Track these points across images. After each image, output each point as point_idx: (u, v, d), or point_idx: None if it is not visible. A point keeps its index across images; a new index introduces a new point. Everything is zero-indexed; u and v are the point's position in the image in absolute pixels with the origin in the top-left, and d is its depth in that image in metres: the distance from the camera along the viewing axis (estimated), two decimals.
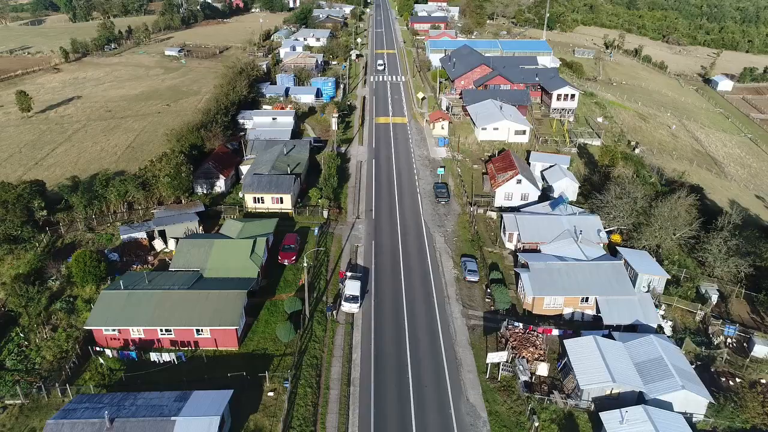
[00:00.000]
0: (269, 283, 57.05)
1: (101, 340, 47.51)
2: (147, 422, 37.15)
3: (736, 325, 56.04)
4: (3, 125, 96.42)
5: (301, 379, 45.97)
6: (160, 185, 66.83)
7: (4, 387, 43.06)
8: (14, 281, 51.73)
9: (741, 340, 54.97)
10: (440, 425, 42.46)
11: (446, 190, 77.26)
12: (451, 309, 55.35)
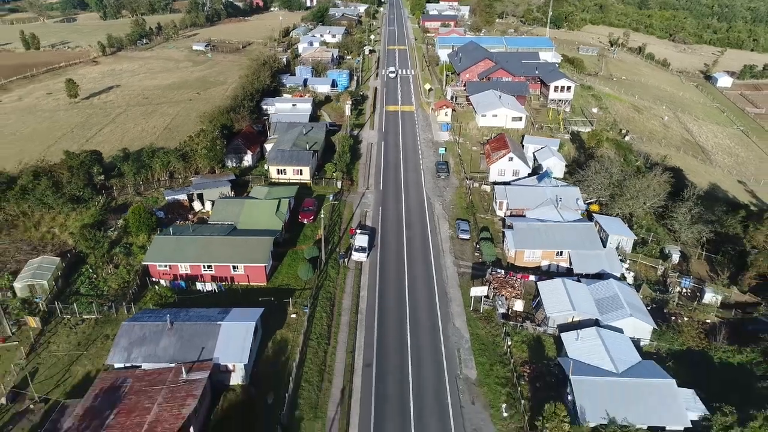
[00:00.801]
0: (291, 237, 67.36)
1: (155, 274, 58.23)
2: (198, 325, 47.64)
3: (691, 278, 64.99)
4: (54, 109, 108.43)
5: (318, 307, 56.14)
6: (197, 157, 77.64)
7: (81, 305, 53.93)
8: (82, 229, 62.64)
9: (695, 290, 63.83)
10: (431, 343, 52.24)
11: (446, 167, 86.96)
12: (445, 260, 65.09)
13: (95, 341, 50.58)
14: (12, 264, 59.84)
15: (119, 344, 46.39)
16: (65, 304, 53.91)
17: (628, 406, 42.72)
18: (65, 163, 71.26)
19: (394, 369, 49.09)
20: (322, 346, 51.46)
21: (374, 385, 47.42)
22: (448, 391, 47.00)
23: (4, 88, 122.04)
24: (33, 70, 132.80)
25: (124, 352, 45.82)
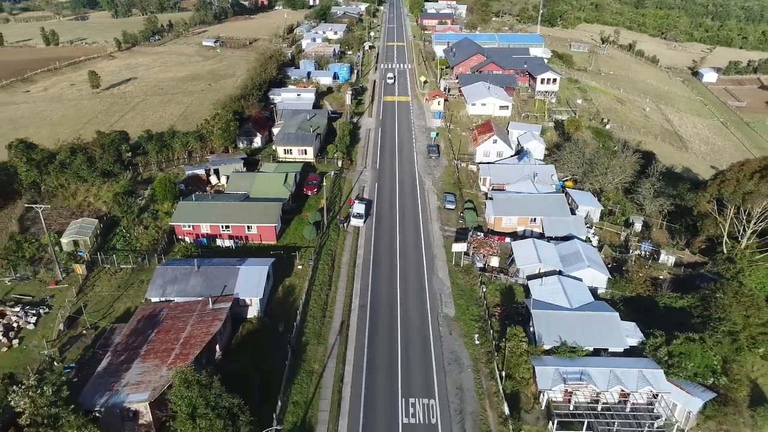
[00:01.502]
0: (297, 206, 76.36)
1: (180, 233, 67.29)
2: (221, 268, 56.75)
3: (651, 243, 73.69)
4: (78, 98, 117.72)
5: (320, 261, 65.12)
6: (213, 137, 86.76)
7: (119, 257, 63.02)
8: (115, 197, 71.74)
9: (653, 252, 72.50)
10: (417, 289, 61.16)
11: (437, 149, 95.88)
12: (432, 226, 74.00)
13: (132, 285, 59.69)
14: (56, 225, 68.90)
15: (155, 283, 55.50)
16: (105, 257, 63.06)
17: (578, 333, 51.53)
18: (97, 141, 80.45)
19: (385, 308, 58.05)
20: (324, 291, 60.48)
21: (368, 320, 56.38)
22: (430, 325, 55.93)
23: (30, 80, 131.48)
24: (56, 64, 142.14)
25: (159, 289, 54.92)
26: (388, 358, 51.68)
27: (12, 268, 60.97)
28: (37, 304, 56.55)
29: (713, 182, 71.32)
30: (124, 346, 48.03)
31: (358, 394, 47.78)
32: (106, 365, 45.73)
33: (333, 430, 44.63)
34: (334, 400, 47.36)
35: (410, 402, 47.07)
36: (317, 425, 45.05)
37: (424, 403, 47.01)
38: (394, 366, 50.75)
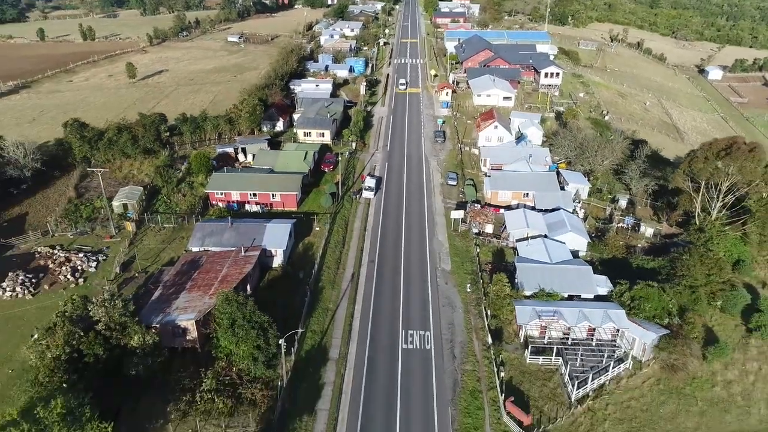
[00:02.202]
0: (315, 180, 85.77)
1: (214, 199, 77.18)
2: (251, 225, 66.45)
3: (633, 217, 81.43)
4: (117, 87, 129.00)
5: (335, 225, 74.40)
6: (241, 120, 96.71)
7: (162, 218, 73.07)
8: (156, 169, 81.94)
9: (635, 225, 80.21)
10: (419, 248, 70.02)
11: (443, 135, 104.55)
12: (435, 199, 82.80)
13: (174, 240, 69.69)
14: (107, 192, 79.13)
15: (195, 236, 65.36)
16: (150, 217, 73.23)
17: (555, 282, 59.94)
18: (140, 122, 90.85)
19: (390, 263, 67.09)
20: (338, 248, 69.79)
21: (375, 271, 65.50)
22: (429, 276, 64.82)
23: (72, 71, 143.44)
24: (94, 57, 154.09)
25: (199, 240, 64.74)
26: (391, 300, 60.74)
27: (73, 225, 71.42)
28: (96, 253, 66.84)
29: (685, 160, 78.91)
30: (171, 282, 57.86)
31: (365, 327, 56.93)
32: (159, 296, 55.59)
33: (344, 351, 53.84)
34: (345, 330, 56.58)
35: (409, 333, 56.07)
36: (331, 348, 54.31)
37: (421, 334, 55.95)
38: (397, 307, 59.77)
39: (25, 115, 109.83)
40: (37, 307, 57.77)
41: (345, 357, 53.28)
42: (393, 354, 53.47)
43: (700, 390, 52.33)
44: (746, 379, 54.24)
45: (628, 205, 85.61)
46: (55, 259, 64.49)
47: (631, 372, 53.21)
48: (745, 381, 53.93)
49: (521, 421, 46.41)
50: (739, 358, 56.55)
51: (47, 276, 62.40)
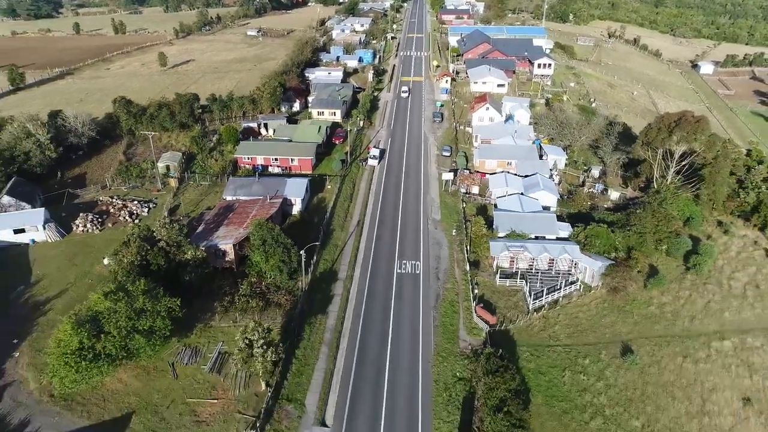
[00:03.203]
0: (327, 151, 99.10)
1: (241, 163, 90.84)
2: (274, 179, 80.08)
3: (603, 184, 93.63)
4: (150, 74, 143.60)
5: (344, 184, 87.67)
6: (263, 100, 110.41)
7: (199, 177, 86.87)
8: (192, 139, 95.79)
9: (604, 191, 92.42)
10: (414, 203, 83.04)
11: (441, 116, 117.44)
12: (430, 166, 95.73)
13: (210, 193, 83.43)
14: (150, 156, 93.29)
15: (229, 188, 79.05)
16: (188, 176, 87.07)
17: (524, 225, 72.58)
18: (176, 100, 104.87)
19: (390, 213, 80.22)
20: (346, 202, 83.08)
21: (377, 218, 78.67)
22: (422, 223, 77.83)
23: (109, 60, 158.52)
24: (126, 48, 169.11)
25: (232, 191, 78.38)
26: (390, 240, 73.87)
27: (126, 181, 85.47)
28: (147, 202, 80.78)
29: (643, 131, 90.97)
30: (212, 220, 71.52)
31: (368, 258, 70.13)
32: (203, 229, 69.27)
33: (350, 273, 67.09)
34: (351, 260, 69.83)
35: (403, 262, 69.21)
36: (340, 271, 67.58)
37: (412, 263, 69.02)
38: (394, 244, 72.87)
39: (73, 97, 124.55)
40: (104, 239, 71.73)
41: (351, 277, 66.55)
42: (389, 276, 66.63)
43: (637, 308, 64.68)
44: (677, 302, 66.46)
45: (600, 174, 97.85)
46: (114, 205, 78.58)
47: (581, 293, 65.85)
48: (675, 304, 66.16)
49: (488, 321, 59.25)
50: (675, 288, 68.74)
51: (109, 217, 76.48)
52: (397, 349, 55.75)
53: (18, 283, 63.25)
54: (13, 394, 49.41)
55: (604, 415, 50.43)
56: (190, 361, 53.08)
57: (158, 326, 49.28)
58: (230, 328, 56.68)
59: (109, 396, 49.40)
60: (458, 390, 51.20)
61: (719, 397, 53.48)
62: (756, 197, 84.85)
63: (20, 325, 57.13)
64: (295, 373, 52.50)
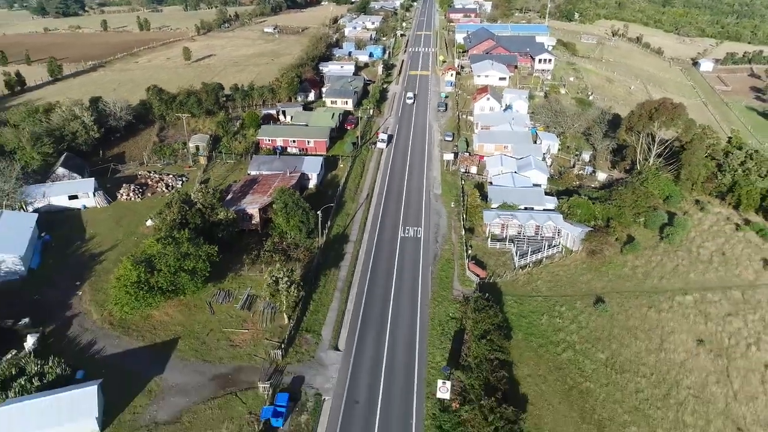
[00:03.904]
0: (340, 135, 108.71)
1: (263, 144, 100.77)
2: (293, 157, 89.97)
3: (592, 166, 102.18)
4: (175, 67, 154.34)
5: (355, 164, 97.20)
6: (281, 90, 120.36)
7: (224, 156, 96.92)
8: (218, 123, 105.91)
9: (592, 172, 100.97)
10: (417, 179, 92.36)
11: (445, 106, 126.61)
12: (434, 149, 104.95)
13: (235, 170, 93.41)
14: (181, 138, 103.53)
15: (253, 164, 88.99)
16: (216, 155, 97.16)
17: (515, 198, 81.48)
18: (203, 89, 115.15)
19: (396, 188, 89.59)
20: (357, 178, 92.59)
21: (384, 193, 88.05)
22: (424, 197, 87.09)
23: (136, 54, 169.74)
24: (152, 44, 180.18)
25: (255, 167, 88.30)
26: (395, 209, 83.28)
27: (160, 158, 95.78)
28: (180, 176, 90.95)
29: (626, 117, 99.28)
30: (239, 190, 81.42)
31: (375, 224, 79.57)
32: (231, 197, 79.15)
33: (360, 237, 76.56)
34: (360, 225, 79.33)
35: (406, 228, 78.55)
36: (351, 234, 77.09)
37: (415, 229, 78.33)
38: (399, 213, 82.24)
39: (106, 87, 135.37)
40: (144, 205, 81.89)
41: (360, 240, 76.07)
42: (394, 239, 76.02)
43: (612, 269, 73.32)
44: (649, 265, 74.92)
45: (591, 158, 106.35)
46: (152, 178, 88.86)
47: (563, 256, 74.67)
48: (647, 266, 74.64)
49: (479, 275, 68.37)
50: (648, 254, 77.20)
51: (148, 188, 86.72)
52: (400, 295, 65.11)
53: (75, 239, 73.64)
54: (81, 322, 59.58)
55: (574, 349, 59.32)
56: (224, 301, 62.84)
57: (200, 267, 59.15)
58: (257, 276, 66.34)
59: (158, 325, 59.32)
60: (450, 326, 60.44)
61: (676, 338, 62.09)
62: (731, 179, 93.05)
63: (80, 271, 67.40)
64: (312, 312, 62.09)
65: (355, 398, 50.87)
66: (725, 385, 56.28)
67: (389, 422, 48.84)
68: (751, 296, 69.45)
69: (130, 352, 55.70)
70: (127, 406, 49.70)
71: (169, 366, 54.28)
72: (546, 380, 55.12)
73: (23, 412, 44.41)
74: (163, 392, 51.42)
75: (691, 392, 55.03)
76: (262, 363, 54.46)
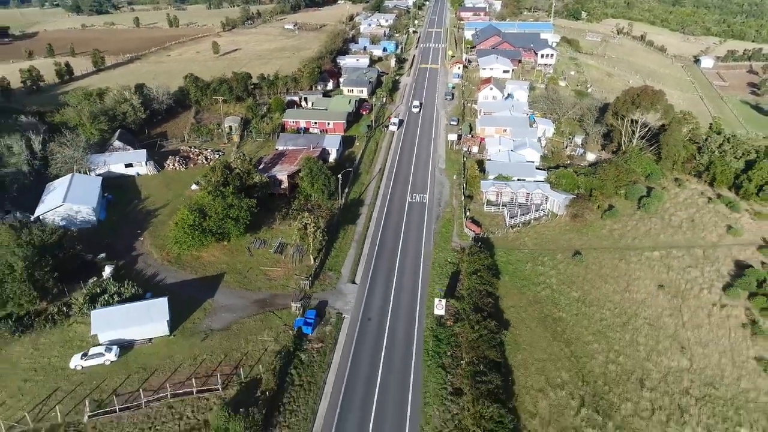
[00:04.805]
0: (355, 119, 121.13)
1: (287, 125, 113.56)
2: (315, 135, 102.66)
3: (583, 148, 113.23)
4: (205, 60, 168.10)
5: (369, 143, 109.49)
6: (303, 79, 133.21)
7: (254, 134, 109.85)
8: (247, 108, 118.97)
9: (583, 153, 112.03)
10: (425, 157, 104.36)
11: (452, 95, 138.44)
12: (440, 132, 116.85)
13: (264, 147, 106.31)
14: (215, 120, 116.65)
15: (280, 140, 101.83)
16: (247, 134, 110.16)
17: (510, 171, 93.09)
18: (234, 78, 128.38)
19: (405, 162, 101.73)
20: (371, 155, 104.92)
21: (395, 168, 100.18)
22: (430, 170, 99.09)
23: (168, 48, 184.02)
24: (181, 39, 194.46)
25: (282, 143, 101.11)
26: (404, 180, 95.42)
27: (198, 136, 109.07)
28: (216, 151, 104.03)
29: (612, 102, 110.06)
30: (268, 161, 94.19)
31: (386, 191, 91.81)
32: (262, 167, 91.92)
33: (373, 201, 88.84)
34: (374, 192, 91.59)
35: (413, 195, 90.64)
36: (365, 200, 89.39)
37: (421, 196, 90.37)
38: (407, 182, 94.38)
39: (144, 76, 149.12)
40: (188, 174, 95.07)
41: (374, 203, 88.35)
42: (402, 203, 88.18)
43: (592, 230, 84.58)
44: (624, 228, 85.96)
45: (583, 142, 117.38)
46: (193, 152, 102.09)
47: (549, 219, 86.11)
48: (623, 229, 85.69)
49: (475, 231, 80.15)
50: (625, 220, 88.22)
51: (190, 160, 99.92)
52: (407, 245, 77.26)
53: (132, 199, 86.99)
54: (144, 260, 72.67)
55: (552, 288, 70.90)
56: (260, 247, 75.48)
57: (242, 216, 71.89)
58: (286, 229, 78.85)
59: (207, 264, 72.15)
60: (448, 268, 72.41)
61: (640, 283, 73.29)
62: (709, 159, 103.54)
63: (140, 223, 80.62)
64: (333, 256, 74.49)
65: (368, 316, 63.14)
66: (677, 318, 67.48)
67: (396, 333, 61.00)
68: (711, 254, 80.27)
69: (186, 282, 68.58)
70: (188, 318, 62.56)
71: (218, 292, 67.06)
72: (526, 310, 66.83)
73: (119, 312, 57.54)
74: (215, 310, 64.20)
75: (646, 321, 66.35)
76: (294, 291, 66.95)
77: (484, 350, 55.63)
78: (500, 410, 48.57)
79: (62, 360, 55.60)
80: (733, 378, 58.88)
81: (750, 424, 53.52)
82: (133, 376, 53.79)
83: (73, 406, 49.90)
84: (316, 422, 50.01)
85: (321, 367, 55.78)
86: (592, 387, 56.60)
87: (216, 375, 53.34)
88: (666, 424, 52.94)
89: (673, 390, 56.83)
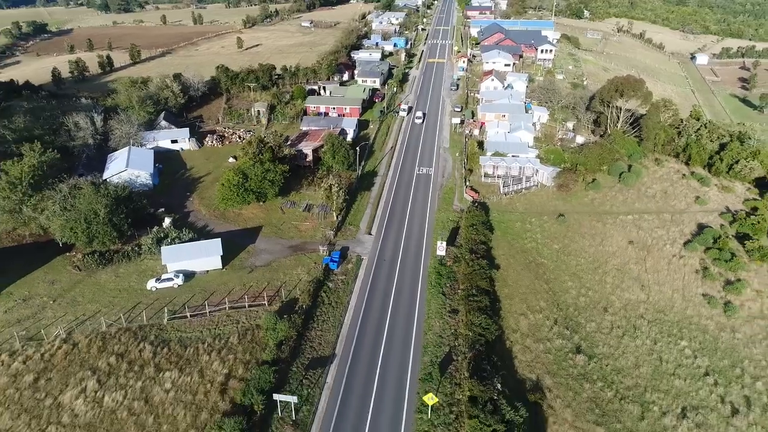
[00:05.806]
0: (369, 106, 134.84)
1: (309, 111, 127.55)
2: (335, 117, 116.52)
3: (574, 132, 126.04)
4: (230, 54, 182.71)
5: (381, 126, 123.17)
6: (321, 70, 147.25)
7: (280, 118, 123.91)
8: (273, 95, 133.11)
9: (574, 136, 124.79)
10: (431, 138, 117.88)
11: (457, 86, 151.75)
12: (445, 117, 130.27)
13: (288, 128, 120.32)
14: (245, 105, 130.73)
15: (303, 122, 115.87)
16: (274, 117, 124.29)
17: (505, 148, 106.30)
18: (260, 68, 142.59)
19: (413, 143, 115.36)
20: (383, 136, 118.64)
21: (404, 146, 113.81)
22: (435, 149, 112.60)
23: (195, 44, 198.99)
24: (207, 35, 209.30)
25: (306, 124, 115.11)
26: (412, 156, 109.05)
27: (231, 119, 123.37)
28: (248, 131, 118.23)
29: (598, 90, 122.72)
30: (294, 139, 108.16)
31: (397, 165, 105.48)
32: (289, 143, 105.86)
33: (385, 172, 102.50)
34: (387, 166, 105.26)
35: (421, 167, 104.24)
36: (379, 171, 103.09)
37: (427, 169, 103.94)
38: (415, 158, 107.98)
39: (176, 68, 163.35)
40: (225, 150, 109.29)
41: (386, 174, 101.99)
42: (411, 174, 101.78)
43: (575, 199, 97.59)
44: (605, 198, 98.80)
45: (574, 127, 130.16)
46: (227, 132, 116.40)
47: (538, 189, 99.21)
48: (603, 198, 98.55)
49: (473, 197, 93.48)
50: (606, 191, 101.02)
51: (226, 138, 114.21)
52: (414, 206, 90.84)
53: (179, 169, 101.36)
54: (195, 215, 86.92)
55: (537, 242, 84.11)
56: (291, 207, 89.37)
57: (276, 179, 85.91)
58: (312, 193, 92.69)
59: (247, 219, 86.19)
60: (449, 225, 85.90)
61: (613, 239, 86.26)
62: (686, 141, 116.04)
63: (188, 188, 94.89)
64: (352, 214, 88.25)
65: (383, 258, 76.81)
66: (641, 265, 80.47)
67: (405, 269, 74.60)
68: (678, 218, 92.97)
69: (231, 232, 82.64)
70: (235, 257, 76.58)
71: (258, 240, 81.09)
72: (514, 257, 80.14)
73: (183, 248, 71.83)
74: (257, 252, 78.22)
75: (615, 266, 79.44)
76: (321, 239, 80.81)
77: (477, 281, 68.99)
78: (488, 320, 61.97)
79: (140, 284, 69.84)
80: (681, 308, 71.86)
81: (690, 339, 66.52)
82: (197, 295, 67.86)
83: (153, 314, 64.00)
84: (342, 328, 63.72)
85: (345, 292, 69.52)
86: (564, 312, 69.88)
87: (263, 295, 67.23)
88: (621, 338, 66.10)
89: (630, 315, 69.97)
